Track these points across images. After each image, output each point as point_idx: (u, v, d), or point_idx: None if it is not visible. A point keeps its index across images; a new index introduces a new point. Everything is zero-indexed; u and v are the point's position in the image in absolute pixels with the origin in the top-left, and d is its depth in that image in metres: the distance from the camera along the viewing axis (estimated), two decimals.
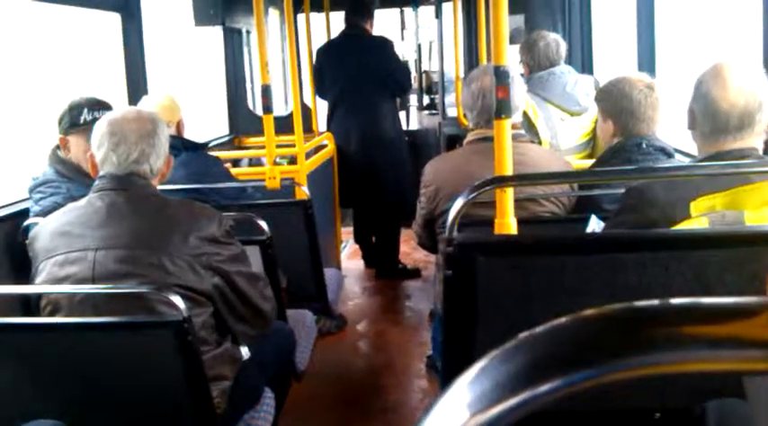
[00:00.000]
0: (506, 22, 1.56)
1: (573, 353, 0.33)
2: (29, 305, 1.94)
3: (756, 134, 1.65)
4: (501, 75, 1.59)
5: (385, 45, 4.50)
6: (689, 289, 1.38)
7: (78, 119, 2.21)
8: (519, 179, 1.63)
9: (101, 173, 1.82)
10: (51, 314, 1.77)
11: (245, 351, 1.97)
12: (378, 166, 4.41)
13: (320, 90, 4.49)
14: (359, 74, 4.36)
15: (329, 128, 4.48)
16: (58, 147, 2.26)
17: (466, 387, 0.34)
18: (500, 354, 0.34)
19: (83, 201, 1.81)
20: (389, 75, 4.42)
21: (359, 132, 4.35)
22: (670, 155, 2.23)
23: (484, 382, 0.34)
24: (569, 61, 3.42)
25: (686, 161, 2.39)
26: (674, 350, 0.31)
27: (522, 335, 0.35)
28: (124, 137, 1.79)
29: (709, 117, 1.65)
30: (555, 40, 3.17)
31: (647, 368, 0.31)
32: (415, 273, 4.69)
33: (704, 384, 1.29)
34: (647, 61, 3.12)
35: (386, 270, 4.70)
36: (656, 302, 0.34)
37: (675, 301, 0.34)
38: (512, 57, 3.37)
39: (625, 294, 1.35)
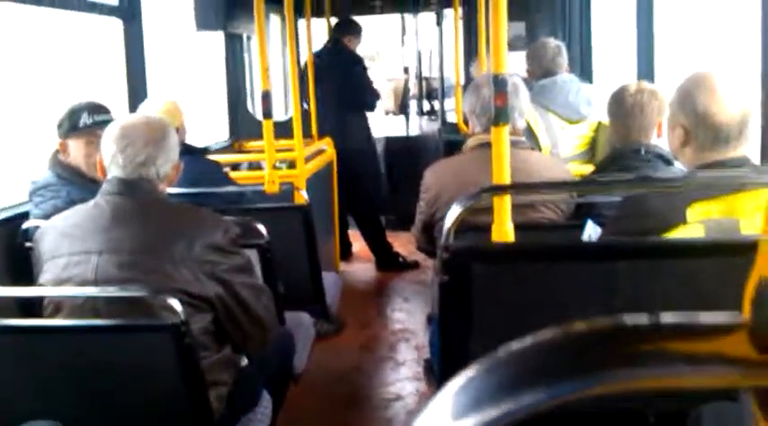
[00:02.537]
0: (506, 29, 1.57)
1: (556, 366, 0.34)
2: (28, 306, 1.95)
3: (747, 141, 1.67)
4: (500, 83, 1.60)
5: (355, 63, 4.89)
6: (684, 297, 1.39)
7: (78, 123, 2.23)
8: (515, 188, 1.64)
9: (108, 176, 1.83)
10: (53, 314, 1.78)
11: (244, 359, 1.97)
12: (350, 173, 4.75)
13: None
14: (331, 88, 4.67)
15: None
16: (58, 151, 2.27)
17: (451, 397, 0.35)
18: (486, 365, 0.35)
19: (89, 204, 1.81)
20: (356, 92, 4.81)
21: (335, 141, 4.53)
22: (669, 162, 2.24)
23: (469, 392, 0.34)
24: (569, 69, 3.44)
25: (684, 168, 2.40)
26: (654, 367, 0.32)
27: (508, 347, 0.36)
28: (132, 142, 1.80)
29: (709, 132, 1.64)
30: (557, 48, 3.19)
31: (626, 382, 0.32)
32: (413, 265, 4.97)
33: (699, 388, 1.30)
34: (645, 68, 3.14)
35: (383, 262, 5.03)
36: (639, 317, 0.35)
37: (658, 317, 0.35)
38: (512, 65, 3.40)
39: (620, 302, 1.36)
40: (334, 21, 5.16)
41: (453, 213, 1.46)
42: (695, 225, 1.54)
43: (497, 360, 0.35)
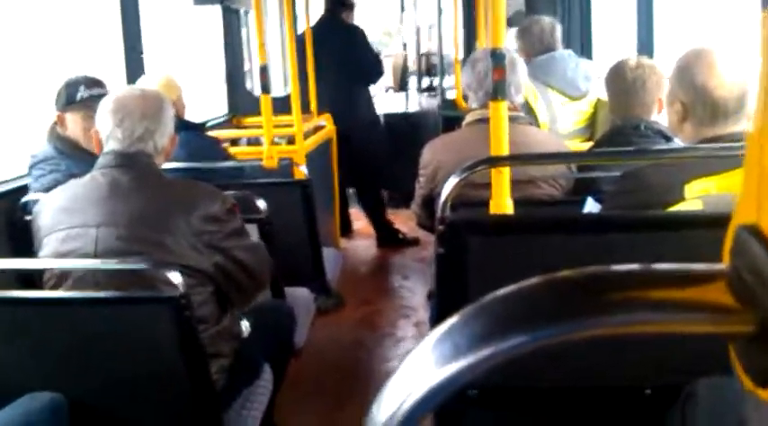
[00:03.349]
0: (504, 4, 1.57)
1: (538, 311, 0.35)
2: (28, 279, 1.96)
3: (747, 116, 1.66)
4: (498, 58, 1.60)
5: (356, 33, 4.79)
6: None
7: (75, 96, 2.22)
8: (513, 159, 1.64)
9: (105, 149, 1.83)
10: (53, 288, 1.79)
11: (245, 326, 1.99)
12: (354, 147, 4.68)
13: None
14: (332, 60, 4.56)
15: None
16: (56, 124, 2.27)
17: (432, 345, 0.36)
18: (470, 311, 0.36)
19: (86, 177, 1.81)
20: (359, 62, 4.70)
21: (334, 116, 4.48)
22: (668, 139, 2.24)
23: (451, 338, 0.36)
24: (568, 45, 3.42)
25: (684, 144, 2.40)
26: (633, 313, 0.33)
27: (490, 296, 0.37)
28: (129, 114, 1.80)
29: (708, 107, 1.64)
30: (550, 24, 3.16)
31: (606, 327, 0.33)
32: (413, 242, 4.95)
33: (695, 362, 1.31)
34: (645, 43, 3.13)
35: (384, 238, 5.03)
36: (621, 267, 0.36)
37: (635, 267, 0.35)
38: (512, 40, 3.38)
39: None
40: None
41: (450, 185, 1.46)
42: (694, 201, 1.54)
43: (480, 307, 0.37)
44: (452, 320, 0.37)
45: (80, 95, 2.22)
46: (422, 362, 0.37)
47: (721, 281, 0.34)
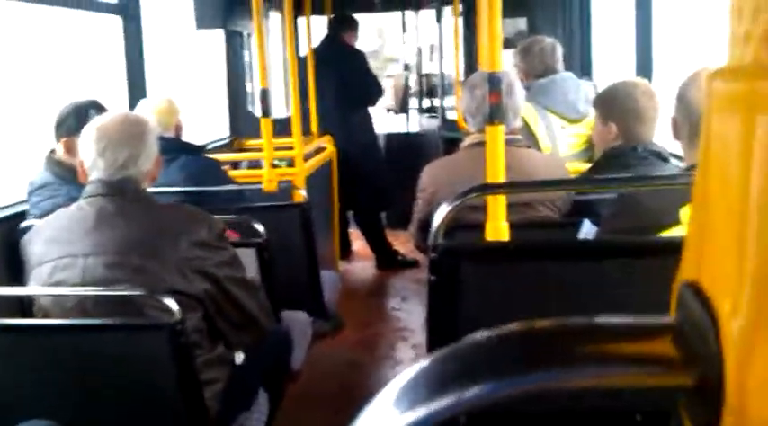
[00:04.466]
0: (500, 27, 1.57)
1: (499, 363, 0.35)
2: (22, 307, 1.96)
3: None
4: (494, 82, 1.60)
5: (356, 56, 4.82)
6: None
7: (86, 119, 2.22)
8: (508, 186, 1.64)
9: (90, 177, 1.83)
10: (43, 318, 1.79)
11: (239, 357, 1.98)
12: (354, 169, 4.71)
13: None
14: (332, 82, 4.61)
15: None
16: (53, 152, 2.27)
17: (395, 391, 0.36)
18: (433, 360, 0.36)
19: (73, 207, 1.81)
20: (359, 85, 4.73)
21: (335, 139, 4.51)
22: (665, 160, 2.24)
23: (413, 386, 0.36)
24: (569, 65, 3.43)
25: (681, 165, 2.40)
26: (584, 368, 0.34)
27: (460, 342, 0.37)
28: (110, 142, 1.80)
29: (688, 122, 1.66)
30: (551, 44, 3.16)
31: (560, 382, 0.33)
32: (412, 264, 4.95)
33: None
34: (644, 66, 3.14)
35: (383, 260, 5.02)
36: (577, 319, 0.36)
37: (595, 319, 0.36)
38: (509, 62, 3.39)
39: (613, 301, 1.36)
40: None
41: (442, 212, 1.46)
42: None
43: (444, 356, 0.37)
44: (420, 365, 0.37)
45: (91, 118, 2.23)
46: (384, 408, 0.36)
47: (668, 335, 0.34)
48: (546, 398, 0.35)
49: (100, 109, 2.26)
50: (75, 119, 2.24)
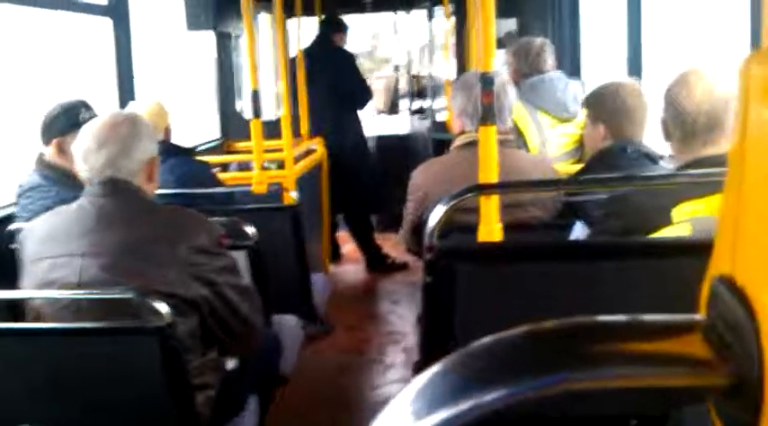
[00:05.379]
0: (494, 27, 1.57)
1: (516, 366, 0.34)
2: (14, 309, 1.93)
3: (727, 137, 1.66)
4: (487, 82, 1.59)
5: (345, 58, 4.83)
6: (671, 296, 1.38)
7: (77, 118, 2.21)
8: (501, 187, 1.63)
9: (89, 178, 1.81)
10: (36, 316, 1.77)
11: (231, 363, 1.96)
12: (344, 171, 4.72)
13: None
14: (322, 84, 4.62)
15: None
16: (42, 155, 2.25)
17: (412, 395, 0.35)
18: (447, 363, 0.35)
19: (73, 206, 1.79)
20: (348, 86, 4.75)
21: (326, 140, 4.50)
22: (654, 161, 2.24)
23: (430, 390, 0.34)
24: (559, 65, 3.43)
25: (670, 167, 2.41)
26: (611, 367, 0.32)
27: (470, 346, 0.35)
28: (103, 143, 1.78)
29: (679, 123, 1.66)
30: (541, 44, 3.16)
31: (584, 382, 0.32)
32: (402, 266, 4.96)
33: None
34: (634, 64, 3.15)
35: (373, 263, 5.02)
36: (599, 319, 0.34)
37: (615, 319, 0.34)
38: (501, 62, 3.39)
39: (606, 302, 1.36)
40: None
41: (437, 213, 1.45)
42: (683, 224, 1.53)
43: (458, 359, 0.35)
44: (434, 369, 0.36)
45: (82, 117, 2.20)
46: (402, 414, 0.35)
47: (698, 333, 0.33)
48: (568, 400, 0.34)
49: (88, 108, 2.24)
50: (65, 119, 2.22)
